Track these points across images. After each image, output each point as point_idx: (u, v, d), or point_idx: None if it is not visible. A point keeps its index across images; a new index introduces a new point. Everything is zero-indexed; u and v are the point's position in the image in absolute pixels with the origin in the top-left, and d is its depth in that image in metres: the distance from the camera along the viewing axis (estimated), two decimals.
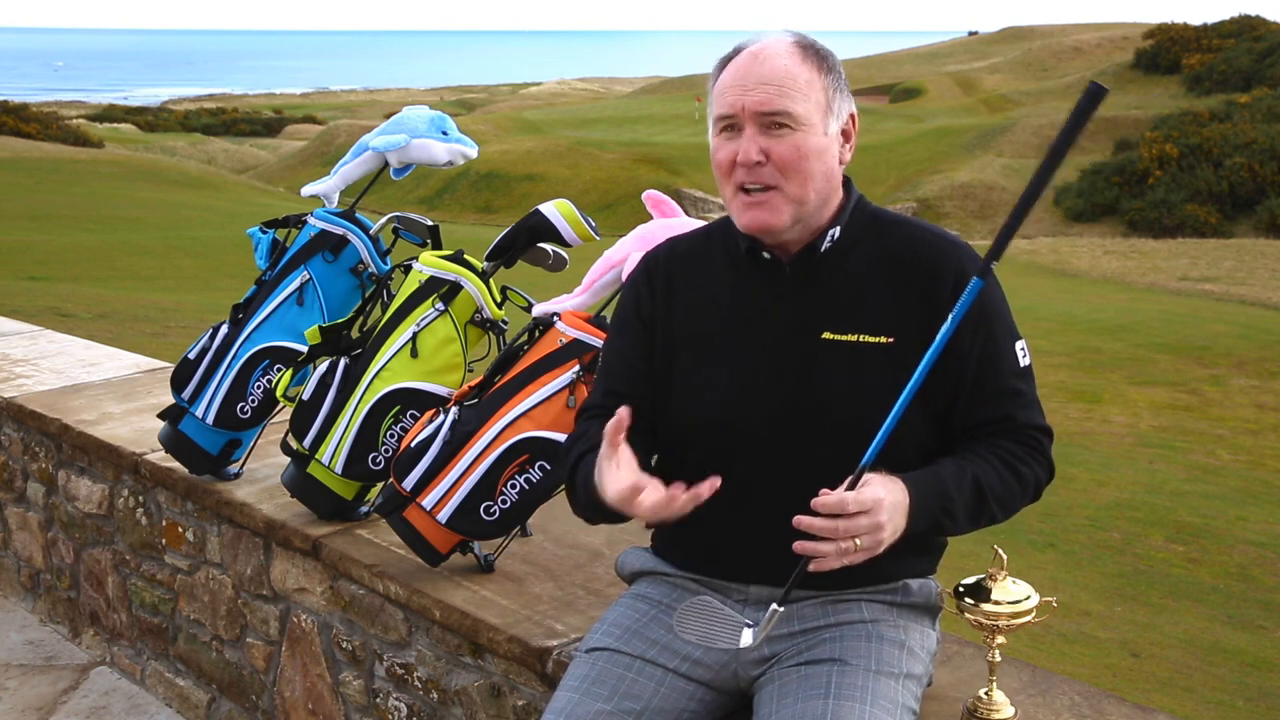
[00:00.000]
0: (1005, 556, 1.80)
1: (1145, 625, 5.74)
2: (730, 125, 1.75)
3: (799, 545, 1.58)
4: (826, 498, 1.56)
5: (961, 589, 1.80)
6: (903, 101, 55.33)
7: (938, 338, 1.57)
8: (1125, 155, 36.42)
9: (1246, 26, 47.99)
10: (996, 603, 1.76)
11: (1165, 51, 48.22)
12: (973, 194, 36.90)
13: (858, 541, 1.57)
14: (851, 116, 1.80)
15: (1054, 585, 5.84)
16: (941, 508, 1.68)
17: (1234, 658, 5.43)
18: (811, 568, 1.59)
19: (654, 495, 1.62)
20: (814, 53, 1.76)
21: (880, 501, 1.58)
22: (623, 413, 1.65)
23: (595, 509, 1.80)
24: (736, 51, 1.79)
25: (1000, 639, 1.79)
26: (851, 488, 1.57)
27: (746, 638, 1.66)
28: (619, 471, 1.66)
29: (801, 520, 1.56)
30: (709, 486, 1.61)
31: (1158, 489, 8.15)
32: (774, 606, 1.63)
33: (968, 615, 1.79)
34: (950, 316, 1.56)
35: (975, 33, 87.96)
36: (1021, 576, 1.82)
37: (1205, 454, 9.25)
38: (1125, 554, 6.81)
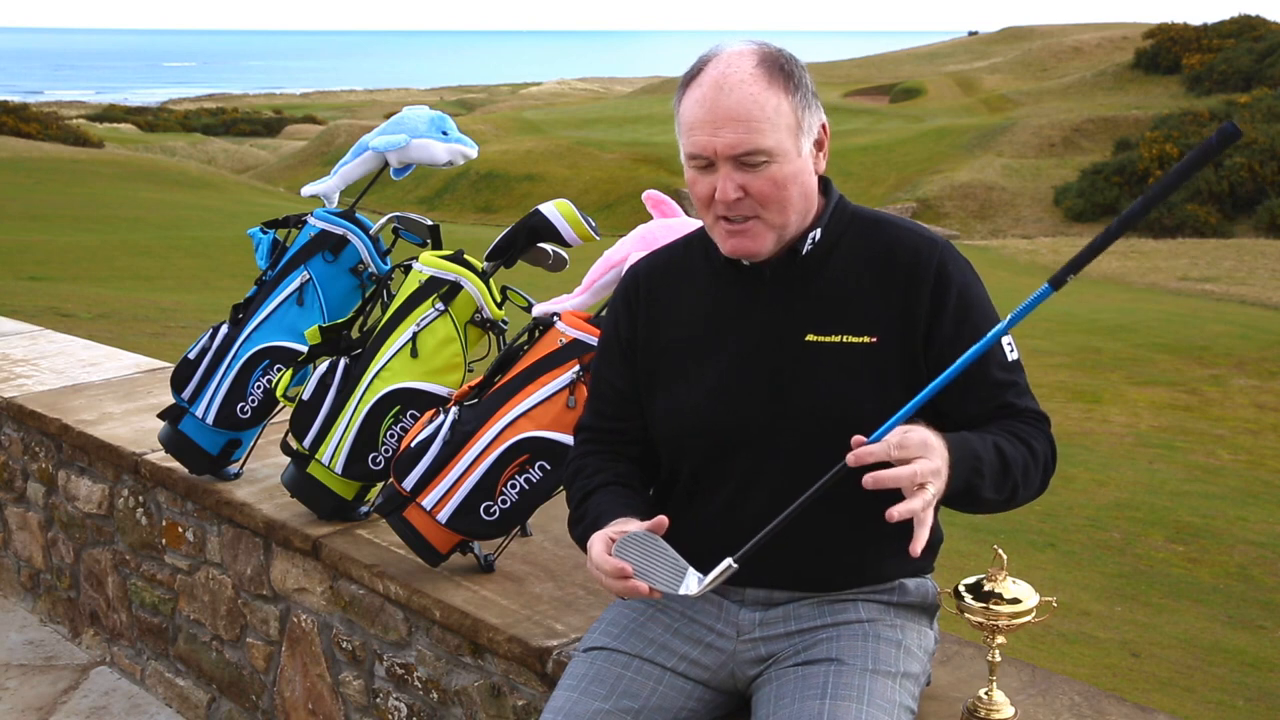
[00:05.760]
0: (1005, 556, 1.80)
1: (1145, 625, 5.74)
2: (703, 165, 1.72)
3: (870, 478, 1.52)
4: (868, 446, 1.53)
5: (961, 589, 1.80)
6: (903, 101, 55.26)
7: (981, 342, 1.56)
8: (1125, 155, 36.38)
9: (1246, 26, 47.90)
10: (997, 602, 1.76)
11: (1165, 51, 48.14)
12: (972, 194, 36.87)
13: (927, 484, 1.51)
14: (823, 126, 1.75)
15: (1054, 585, 5.84)
16: (973, 468, 1.62)
17: (1234, 658, 5.42)
18: (897, 515, 1.50)
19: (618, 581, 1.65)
20: (779, 71, 1.69)
21: (927, 441, 1.54)
22: (661, 522, 1.67)
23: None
24: (698, 71, 1.73)
25: (1000, 639, 1.79)
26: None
27: (691, 585, 1.61)
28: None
29: (865, 466, 1.52)
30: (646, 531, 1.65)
31: (1158, 489, 8.14)
32: (728, 561, 1.59)
33: (968, 615, 1.78)
34: (1007, 319, 1.57)
35: (975, 33, 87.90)
36: (1021, 576, 1.81)
37: (1205, 454, 9.25)
38: (1125, 554, 6.81)
